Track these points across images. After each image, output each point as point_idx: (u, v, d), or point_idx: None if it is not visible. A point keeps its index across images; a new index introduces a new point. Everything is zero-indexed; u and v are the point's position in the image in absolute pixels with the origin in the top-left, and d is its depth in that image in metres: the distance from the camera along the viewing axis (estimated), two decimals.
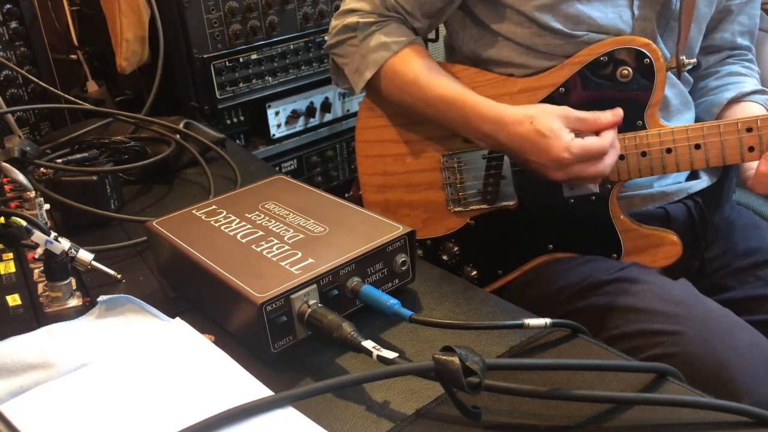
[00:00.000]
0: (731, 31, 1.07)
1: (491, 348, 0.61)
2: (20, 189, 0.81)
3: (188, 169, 1.05)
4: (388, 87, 0.99)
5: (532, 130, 0.85)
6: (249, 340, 0.61)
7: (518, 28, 0.95)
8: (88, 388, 0.55)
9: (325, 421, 0.52)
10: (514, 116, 0.88)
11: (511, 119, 0.88)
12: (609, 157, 0.85)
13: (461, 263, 1.03)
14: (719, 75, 1.08)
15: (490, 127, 0.89)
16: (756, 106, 1.00)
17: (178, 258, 0.68)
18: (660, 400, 0.53)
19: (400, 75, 0.98)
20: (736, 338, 0.80)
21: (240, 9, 1.29)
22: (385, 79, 0.99)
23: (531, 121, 0.86)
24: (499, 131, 0.89)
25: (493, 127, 0.89)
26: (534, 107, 0.88)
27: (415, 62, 0.97)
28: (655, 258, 0.94)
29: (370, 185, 1.08)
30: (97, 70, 1.40)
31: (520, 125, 0.86)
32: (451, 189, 1.01)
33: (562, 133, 0.84)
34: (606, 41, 0.92)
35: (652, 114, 0.91)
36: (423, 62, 0.97)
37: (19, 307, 0.69)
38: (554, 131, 0.84)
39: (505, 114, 0.88)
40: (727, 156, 0.88)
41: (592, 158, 0.84)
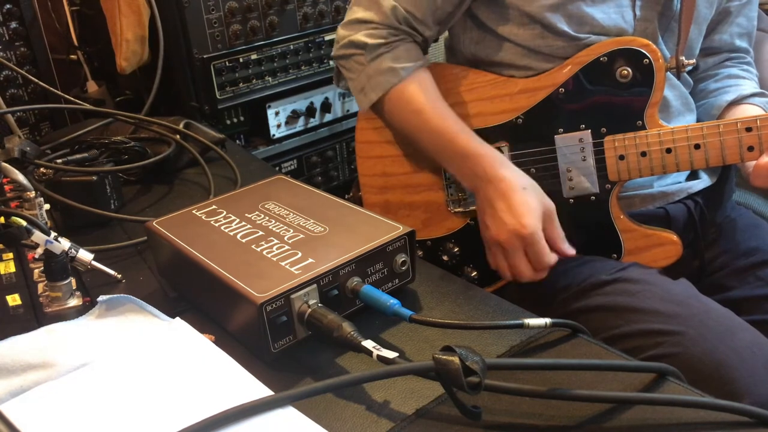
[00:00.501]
0: (729, 33, 1.07)
1: (491, 348, 0.61)
2: (20, 189, 0.81)
3: (188, 169, 1.05)
4: (392, 112, 0.98)
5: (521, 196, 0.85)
6: (249, 340, 0.61)
7: (521, 29, 0.95)
8: (88, 388, 0.55)
9: (325, 421, 0.52)
10: (512, 172, 0.88)
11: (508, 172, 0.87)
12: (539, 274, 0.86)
13: (461, 264, 1.03)
14: (718, 77, 1.08)
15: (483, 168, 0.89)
16: (756, 108, 1.01)
17: (178, 258, 0.68)
18: (660, 400, 0.53)
19: (406, 102, 0.96)
20: (736, 338, 0.80)
21: (240, 9, 1.29)
22: (389, 104, 0.98)
23: (524, 188, 0.86)
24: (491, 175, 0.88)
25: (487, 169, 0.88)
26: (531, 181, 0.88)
27: (421, 92, 0.96)
28: (655, 258, 0.94)
29: (370, 186, 1.08)
30: (97, 70, 1.40)
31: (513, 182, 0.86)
32: (452, 190, 1.01)
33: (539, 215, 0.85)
34: (606, 42, 0.92)
35: (652, 114, 0.91)
36: (429, 93, 0.96)
37: (19, 307, 0.69)
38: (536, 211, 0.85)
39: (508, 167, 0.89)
40: (726, 156, 0.88)
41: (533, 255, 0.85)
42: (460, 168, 0.93)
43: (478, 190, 0.91)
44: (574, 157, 0.93)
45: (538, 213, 0.85)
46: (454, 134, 0.92)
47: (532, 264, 0.86)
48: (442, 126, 0.93)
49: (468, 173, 0.92)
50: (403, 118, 0.98)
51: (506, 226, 0.85)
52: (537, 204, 0.85)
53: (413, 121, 0.96)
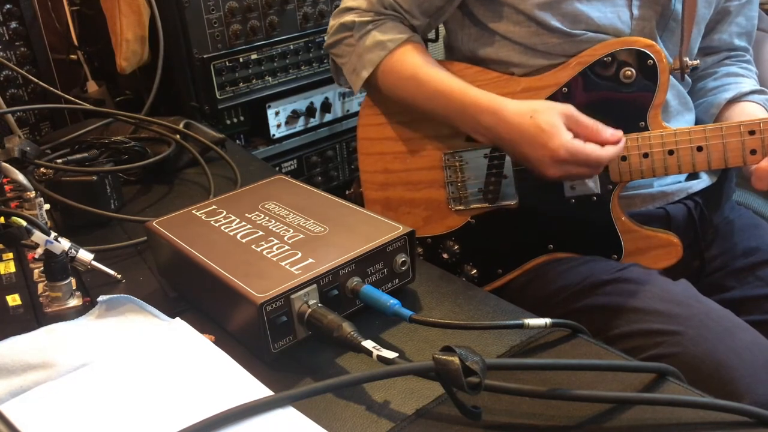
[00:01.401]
0: (729, 32, 1.07)
1: (491, 348, 0.61)
2: (20, 189, 0.81)
3: (188, 169, 1.05)
4: (387, 85, 1.00)
5: (531, 124, 0.85)
6: (249, 340, 0.61)
7: (516, 27, 0.96)
8: (88, 388, 0.55)
9: (325, 421, 0.52)
10: (515, 109, 0.88)
11: (512, 112, 0.88)
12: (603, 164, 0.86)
13: (461, 262, 1.03)
14: (717, 76, 1.08)
15: (489, 119, 0.89)
16: (755, 105, 1.00)
17: (178, 258, 0.68)
18: (660, 400, 0.53)
19: (398, 72, 0.98)
20: (736, 338, 0.80)
21: (240, 9, 1.29)
22: (382, 77, 0.99)
23: (531, 115, 0.86)
24: (498, 123, 0.89)
25: (492, 119, 0.89)
26: (536, 102, 0.88)
27: (412, 58, 0.97)
28: (655, 260, 0.94)
29: (371, 183, 1.08)
30: (97, 70, 1.40)
31: (521, 118, 0.86)
32: (453, 187, 1.01)
33: (562, 129, 0.84)
34: (610, 41, 0.92)
35: (655, 115, 0.91)
36: (420, 58, 0.97)
37: (19, 307, 0.69)
38: (554, 127, 0.84)
39: (506, 106, 0.89)
40: (729, 158, 0.88)
41: (587, 164, 0.84)
42: (468, 124, 0.94)
43: (497, 142, 0.92)
44: None
45: (558, 129, 0.84)
46: (449, 91, 0.93)
47: (590, 169, 0.86)
48: (437, 86, 0.94)
49: (477, 128, 0.92)
50: (398, 87, 0.99)
51: (544, 161, 0.85)
52: (552, 121, 0.84)
53: (408, 88, 0.97)
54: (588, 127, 0.85)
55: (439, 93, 0.94)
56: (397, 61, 0.98)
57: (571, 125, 0.85)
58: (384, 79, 0.99)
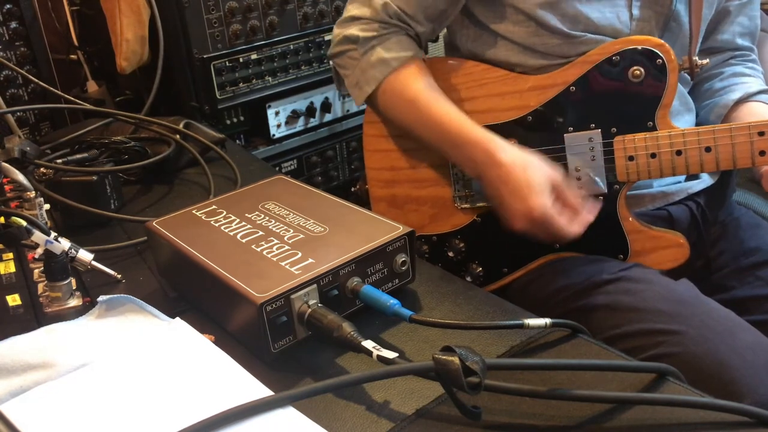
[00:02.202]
0: (731, 32, 1.07)
1: (491, 348, 0.61)
2: (20, 189, 0.81)
3: (188, 169, 1.05)
4: (386, 104, 0.99)
5: (522, 177, 0.85)
6: (249, 340, 0.61)
7: (516, 26, 0.95)
8: (88, 388, 0.55)
9: (325, 421, 0.52)
10: (510, 156, 0.87)
11: (506, 157, 0.87)
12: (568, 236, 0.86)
13: (467, 260, 1.03)
14: (723, 76, 1.08)
15: (481, 156, 0.89)
16: (763, 106, 1.00)
17: (178, 258, 0.68)
18: (660, 400, 0.53)
19: (399, 93, 0.97)
20: (737, 338, 0.80)
21: (240, 9, 1.29)
22: (383, 96, 0.99)
23: (524, 169, 0.86)
24: (488, 163, 0.88)
25: (484, 157, 0.89)
26: (531, 156, 0.88)
27: (414, 81, 0.96)
28: (661, 260, 0.93)
29: (376, 180, 1.07)
30: (97, 70, 1.40)
31: (512, 166, 0.86)
32: (459, 186, 1.01)
33: (546, 192, 0.85)
34: (619, 40, 0.91)
35: (663, 115, 0.90)
36: (422, 82, 0.96)
37: (19, 307, 0.69)
38: (540, 187, 0.84)
39: (503, 150, 0.88)
40: (737, 159, 0.87)
41: (555, 230, 0.85)
42: (458, 156, 0.94)
43: (481, 178, 0.91)
44: (583, 157, 0.93)
45: (543, 190, 0.84)
46: (448, 122, 0.92)
47: (558, 235, 0.86)
48: (435, 114, 0.93)
49: (467, 161, 0.92)
50: (398, 109, 0.98)
51: (517, 212, 0.86)
52: (541, 181, 0.85)
53: (407, 112, 0.97)
54: (569, 198, 0.87)
55: (436, 122, 0.93)
56: (399, 82, 0.97)
57: (555, 193, 0.86)
58: (384, 98, 0.99)
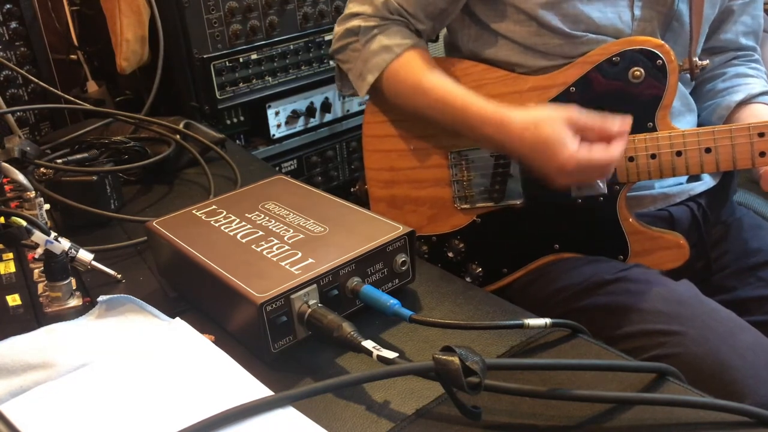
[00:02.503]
0: (734, 31, 1.06)
1: (491, 348, 0.61)
2: (20, 189, 0.81)
3: (188, 169, 1.05)
4: (391, 91, 0.99)
5: (536, 137, 0.83)
6: (249, 340, 0.61)
7: (517, 26, 0.95)
8: (88, 388, 0.55)
9: (325, 421, 0.52)
10: (519, 121, 0.86)
11: (515, 124, 0.86)
12: (613, 165, 0.83)
13: (466, 261, 1.03)
14: (726, 77, 1.07)
15: (493, 130, 0.88)
16: (766, 107, 1.00)
17: (178, 258, 0.68)
18: (660, 400, 0.53)
19: (403, 78, 0.97)
20: (738, 339, 0.80)
21: (240, 9, 1.29)
22: (387, 83, 0.99)
23: (536, 127, 0.83)
24: (502, 135, 0.87)
25: (496, 130, 0.88)
26: (539, 111, 0.86)
27: (417, 65, 0.97)
28: (661, 261, 0.93)
29: (376, 180, 1.07)
30: (97, 70, 1.40)
31: (525, 131, 0.84)
32: (458, 186, 1.01)
33: (567, 140, 0.81)
34: (619, 41, 0.91)
35: (664, 116, 0.90)
36: (425, 65, 0.97)
37: (19, 307, 0.69)
38: (559, 139, 0.81)
39: (510, 118, 0.87)
40: (737, 160, 0.87)
41: (597, 169, 0.83)
42: (472, 134, 0.93)
43: (503, 151, 0.92)
44: None
45: (563, 141, 0.81)
46: (453, 101, 0.92)
47: (600, 170, 0.84)
48: (441, 96, 0.93)
49: (481, 138, 0.92)
50: (403, 94, 0.98)
51: (552, 172, 0.84)
52: (557, 133, 0.82)
53: (413, 96, 0.97)
54: (594, 128, 0.83)
55: (443, 102, 0.93)
56: (402, 68, 0.97)
57: (577, 130, 0.83)
58: (389, 85, 0.99)
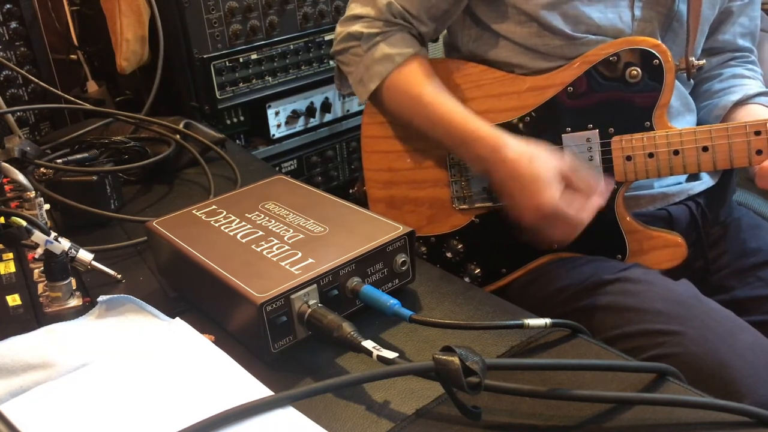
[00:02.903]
0: (732, 32, 1.07)
1: (491, 348, 0.61)
2: (20, 189, 0.81)
3: (188, 169, 1.05)
4: (391, 101, 0.99)
5: (528, 170, 0.84)
6: (249, 340, 0.61)
7: (518, 27, 0.95)
8: (88, 388, 0.55)
9: (325, 421, 0.52)
10: (515, 150, 0.86)
11: (511, 152, 0.86)
12: (580, 228, 0.85)
13: (465, 261, 1.03)
14: (723, 78, 1.08)
15: (486, 152, 0.88)
16: (762, 108, 1.00)
17: (178, 258, 0.68)
18: (660, 400, 0.53)
19: (403, 90, 0.97)
20: (737, 339, 0.80)
21: (240, 9, 1.29)
22: (388, 93, 0.98)
23: (530, 161, 0.84)
24: (494, 159, 0.88)
25: (490, 153, 0.88)
26: (537, 148, 0.86)
27: (418, 77, 0.96)
28: (660, 260, 0.93)
29: (374, 181, 1.08)
30: (97, 70, 1.40)
31: (518, 161, 0.85)
32: (457, 186, 1.01)
33: (554, 184, 0.83)
34: (616, 41, 0.91)
35: (660, 115, 0.90)
36: (427, 78, 0.96)
37: (19, 307, 0.69)
38: (548, 179, 0.83)
39: (507, 145, 0.87)
40: (734, 159, 0.87)
41: (566, 223, 0.84)
42: (465, 153, 0.93)
43: (488, 173, 0.91)
44: (581, 157, 0.93)
45: (551, 182, 0.83)
46: (453, 118, 0.92)
47: (565, 231, 0.85)
48: (440, 111, 0.93)
49: (474, 158, 0.92)
50: (402, 105, 0.98)
51: (527, 208, 0.84)
52: (548, 173, 0.83)
53: (412, 108, 0.96)
54: (580, 183, 0.84)
55: (442, 118, 0.93)
56: (403, 78, 0.97)
57: (564, 181, 0.84)
58: (389, 94, 0.98)
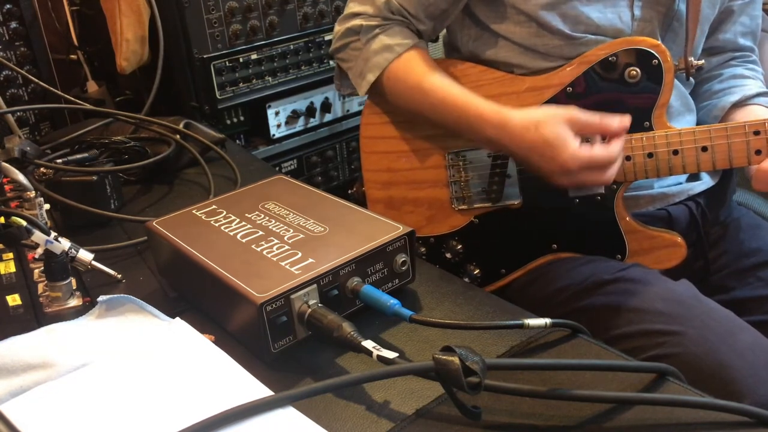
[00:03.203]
0: (733, 31, 1.07)
1: (491, 348, 0.61)
2: (20, 189, 0.81)
3: (188, 169, 1.05)
4: (392, 91, 0.99)
5: (537, 137, 0.84)
6: (249, 340, 0.61)
7: (518, 27, 0.95)
8: (88, 388, 0.55)
9: (325, 421, 0.52)
10: (519, 122, 0.86)
11: (516, 125, 0.86)
12: (615, 165, 0.84)
13: (465, 261, 1.03)
14: (723, 78, 1.08)
15: (494, 131, 0.89)
16: (761, 108, 1.00)
17: (178, 258, 0.68)
18: (660, 400, 0.53)
19: (404, 78, 0.97)
20: (737, 339, 0.80)
21: (240, 9, 1.29)
22: (388, 83, 0.99)
23: (536, 128, 0.84)
24: (503, 136, 0.88)
25: (497, 132, 0.88)
26: (539, 112, 0.86)
27: (418, 66, 0.97)
28: (659, 260, 0.94)
29: (373, 182, 1.07)
30: (97, 70, 1.40)
31: (526, 131, 0.85)
32: (456, 187, 1.01)
33: (569, 140, 0.82)
34: (615, 41, 0.91)
35: (660, 115, 0.90)
36: (426, 66, 0.97)
37: (19, 307, 0.69)
38: (560, 138, 0.82)
39: (510, 119, 0.87)
40: (734, 159, 0.88)
41: (599, 167, 0.83)
42: (473, 135, 0.93)
43: (505, 152, 0.92)
44: None
45: (565, 140, 0.82)
46: (454, 102, 0.92)
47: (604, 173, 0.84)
48: (442, 96, 0.93)
49: (482, 139, 0.92)
50: (404, 94, 0.98)
51: (555, 173, 0.85)
52: (558, 132, 0.83)
53: (414, 96, 0.97)
54: (594, 125, 0.84)
55: (444, 103, 0.93)
56: (403, 67, 0.97)
57: (579, 129, 0.84)
58: (389, 85, 0.99)
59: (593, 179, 0.85)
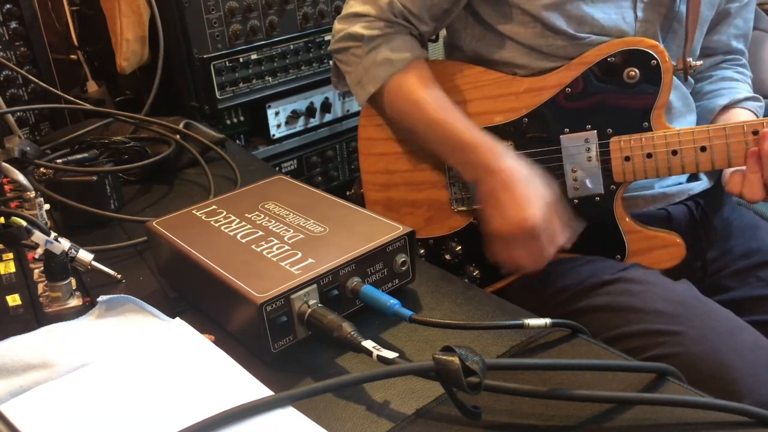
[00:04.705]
0: (727, 34, 1.07)
1: (491, 348, 0.61)
2: (20, 189, 0.81)
3: (188, 169, 1.05)
4: (390, 104, 0.99)
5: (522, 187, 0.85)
6: (249, 340, 0.61)
7: (522, 28, 0.95)
8: (88, 388, 0.55)
9: (325, 421, 0.52)
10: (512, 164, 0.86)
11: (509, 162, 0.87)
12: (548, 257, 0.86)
13: (464, 263, 1.03)
14: (713, 80, 1.08)
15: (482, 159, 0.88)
16: (748, 113, 1.01)
17: (178, 258, 0.68)
18: (660, 400, 0.53)
19: (404, 95, 0.97)
20: (737, 339, 0.80)
21: (240, 9, 1.29)
22: (387, 96, 0.98)
23: (526, 180, 0.85)
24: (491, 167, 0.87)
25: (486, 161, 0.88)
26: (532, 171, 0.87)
27: (419, 83, 0.96)
28: (659, 260, 0.94)
29: (372, 183, 1.07)
30: (97, 70, 1.40)
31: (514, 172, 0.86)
32: (455, 188, 1.01)
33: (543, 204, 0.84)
34: (613, 42, 0.91)
35: (659, 116, 0.90)
36: (427, 84, 0.96)
37: (19, 307, 0.69)
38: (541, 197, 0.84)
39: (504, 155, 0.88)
40: (732, 158, 0.88)
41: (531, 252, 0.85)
42: (459, 159, 0.93)
43: (479, 182, 0.90)
44: (580, 158, 0.93)
45: (541, 204, 0.84)
46: (452, 125, 0.92)
47: (533, 256, 0.85)
48: (440, 117, 0.93)
49: (468, 165, 0.92)
50: (402, 110, 0.98)
51: (510, 219, 0.85)
52: (540, 195, 0.84)
53: (412, 113, 0.96)
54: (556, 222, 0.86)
55: (439, 125, 0.93)
56: (404, 84, 0.96)
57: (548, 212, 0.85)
58: (389, 99, 0.98)
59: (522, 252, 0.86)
